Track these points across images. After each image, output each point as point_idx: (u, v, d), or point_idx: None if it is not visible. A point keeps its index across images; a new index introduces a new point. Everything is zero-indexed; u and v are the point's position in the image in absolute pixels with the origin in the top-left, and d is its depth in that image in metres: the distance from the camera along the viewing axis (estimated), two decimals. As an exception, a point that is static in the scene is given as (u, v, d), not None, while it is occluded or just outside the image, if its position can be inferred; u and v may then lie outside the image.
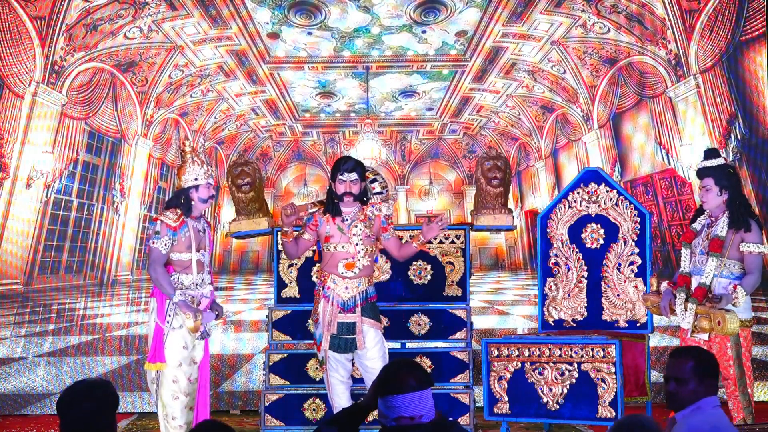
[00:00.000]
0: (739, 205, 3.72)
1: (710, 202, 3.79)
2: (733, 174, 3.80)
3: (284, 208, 3.69)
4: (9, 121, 7.70)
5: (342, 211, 3.77)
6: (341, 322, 3.75)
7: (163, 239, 3.72)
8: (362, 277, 3.79)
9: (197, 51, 9.74)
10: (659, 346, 6.23)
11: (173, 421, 3.78)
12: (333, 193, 3.78)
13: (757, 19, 6.84)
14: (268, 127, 12.57)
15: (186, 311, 3.71)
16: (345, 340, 3.74)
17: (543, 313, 4.64)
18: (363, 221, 3.78)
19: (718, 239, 3.70)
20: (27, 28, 7.71)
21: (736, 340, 3.65)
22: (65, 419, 2.23)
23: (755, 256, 3.65)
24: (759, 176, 6.94)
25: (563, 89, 10.61)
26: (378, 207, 3.85)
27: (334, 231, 3.76)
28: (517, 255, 13.74)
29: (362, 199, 3.83)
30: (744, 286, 3.58)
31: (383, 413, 2.24)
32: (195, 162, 3.82)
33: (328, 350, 3.75)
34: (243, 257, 13.62)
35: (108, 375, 6.41)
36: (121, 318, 9.00)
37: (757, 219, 3.76)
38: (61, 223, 9.03)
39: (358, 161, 3.81)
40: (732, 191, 3.74)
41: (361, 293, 3.78)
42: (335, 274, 3.76)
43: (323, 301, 3.78)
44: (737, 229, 3.67)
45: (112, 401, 2.30)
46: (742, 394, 3.67)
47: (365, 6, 8.87)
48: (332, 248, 3.77)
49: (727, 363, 3.68)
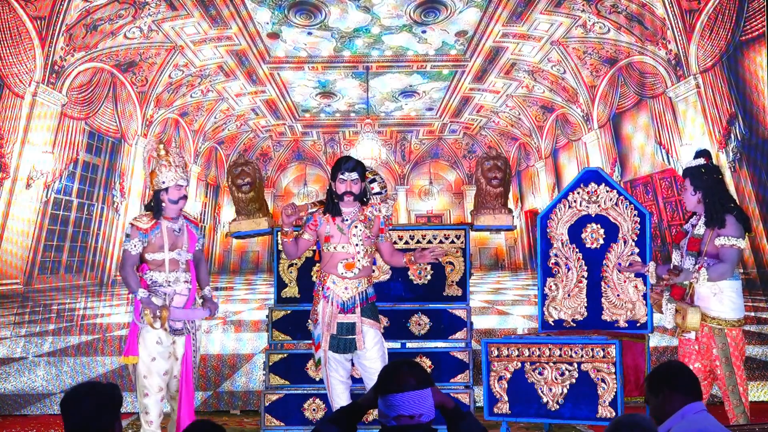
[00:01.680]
0: (711, 203, 3.76)
1: (688, 201, 3.89)
2: (706, 173, 3.82)
3: (284, 207, 3.69)
4: (9, 121, 7.70)
5: (342, 211, 3.77)
6: (341, 322, 3.75)
7: (132, 241, 3.91)
8: (362, 277, 3.79)
9: (197, 51, 9.74)
10: (659, 346, 6.23)
11: (146, 416, 3.95)
12: (333, 193, 3.78)
13: (757, 19, 6.84)
14: (268, 127, 12.58)
15: (146, 306, 3.85)
16: (345, 340, 3.74)
17: (543, 313, 4.64)
18: (363, 222, 3.77)
19: (695, 238, 3.78)
20: (27, 28, 7.71)
21: (722, 340, 3.69)
22: (69, 418, 2.23)
23: (728, 248, 3.68)
24: (759, 176, 6.94)
25: (563, 89, 10.61)
26: (378, 207, 3.85)
27: (334, 231, 3.76)
28: (517, 255, 13.74)
29: (362, 200, 3.83)
30: (710, 270, 3.61)
31: (383, 412, 2.25)
32: (163, 165, 3.96)
33: (328, 350, 3.75)
34: (243, 257, 13.62)
35: (108, 375, 6.41)
36: (121, 318, 9.00)
37: (737, 213, 3.76)
38: (61, 223, 9.03)
39: (359, 161, 3.80)
40: (705, 190, 3.78)
41: (361, 293, 3.78)
42: (335, 274, 3.76)
43: (323, 302, 3.79)
44: (712, 227, 3.71)
45: (116, 400, 2.31)
46: (732, 394, 3.69)
47: (365, 6, 8.87)
48: (332, 248, 3.77)
49: (714, 363, 3.73)
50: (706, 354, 3.74)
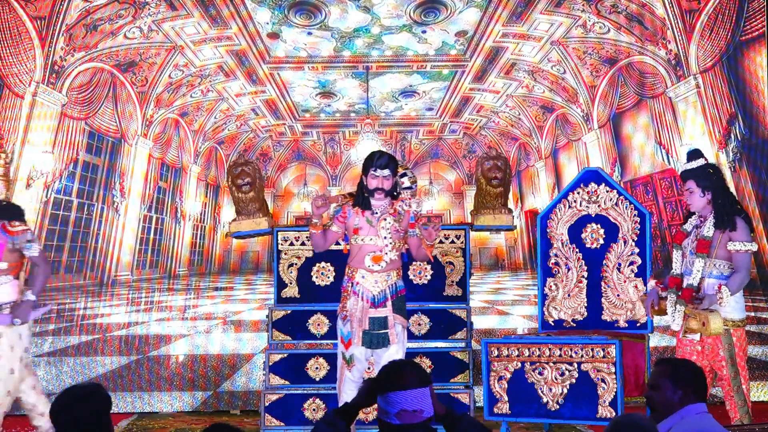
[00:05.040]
0: (722, 204, 3.70)
1: (695, 204, 3.79)
2: (714, 173, 3.77)
3: (314, 199, 3.65)
4: (9, 121, 7.70)
5: (372, 205, 3.74)
6: (372, 317, 3.70)
7: None
8: (390, 270, 3.75)
9: (197, 51, 9.74)
10: (659, 346, 6.23)
11: None
12: (364, 187, 3.75)
13: (757, 19, 6.84)
14: (268, 127, 12.58)
15: None
16: (377, 335, 3.70)
17: (543, 313, 4.63)
18: (393, 215, 3.75)
19: (705, 240, 3.69)
20: (27, 28, 7.71)
21: (728, 341, 3.64)
22: (60, 426, 2.23)
23: (742, 254, 3.64)
24: (759, 176, 6.93)
25: (563, 89, 10.61)
26: (408, 202, 3.82)
27: (362, 223, 3.72)
28: (517, 255, 13.75)
29: (392, 194, 3.80)
30: (730, 285, 3.58)
31: (384, 410, 2.25)
32: None
33: (360, 346, 3.69)
34: (243, 257, 13.62)
35: (108, 375, 6.41)
36: (121, 318, 9.01)
37: (745, 215, 3.73)
38: (61, 223, 9.03)
39: (392, 156, 3.76)
40: (714, 191, 3.72)
41: (391, 286, 3.73)
42: (363, 268, 3.72)
43: (353, 297, 3.72)
44: (723, 229, 3.67)
45: (105, 403, 2.31)
46: (737, 394, 3.66)
47: (365, 6, 8.87)
48: (360, 240, 3.73)
49: (720, 363, 3.68)
50: (711, 355, 3.71)
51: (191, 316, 9.70)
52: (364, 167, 3.74)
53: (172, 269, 11.91)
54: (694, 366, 2.67)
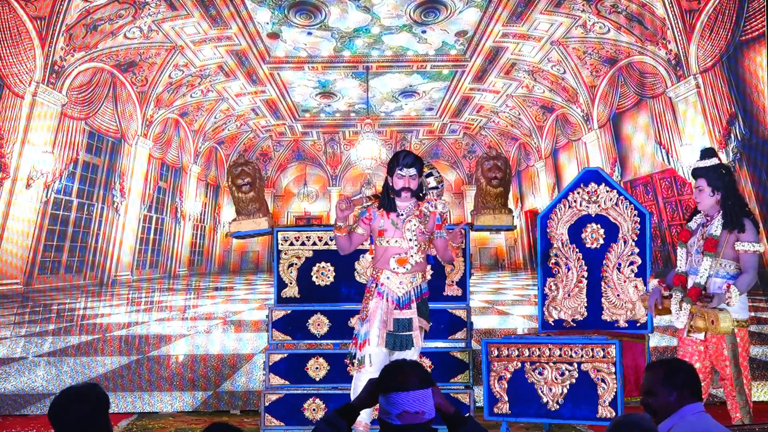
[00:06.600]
0: (732, 205, 3.69)
1: (703, 202, 3.77)
2: (726, 174, 3.76)
3: (339, 202, 3.59)
4: (9, 121, 7.70)
5: (397, 206, 3.70)
6: (397, 318, 3.67)
7: None
8: (416, 272, 3.71)
9: (197, 51, 9.74)
10: (659, 346, 6.23)
11: None
12: (389, 188, 3.71)
13: (757, 19, 6.84)
14: (268, 127, 12.58)
15: None
16: (401, 337, 3.66)
17: (543, 313, 4.64)
18: (418, 217, 3.71)
19: (713, 239, 3.68)
20: (27, 28, 7.71)
21: (732, 340, 3.62)
22: (58, 427, 2.22)
23: (751, 254, 3.63)
24: (759, 176, 6.93)
25: (563, 89, 10.61)
26: (434, 204, 3.77)
27: (387, 225, 3.68)
28: (517, 255, 13.74)
29: (418, 195, 3.76)
30: (738, 285, 3.57)
31: (385, 410, 2.25)
32: None
33: (383, 347, 3.64)
34: (243, 257, 13.62)
35: (108, 375, 6.41)
36: (121, 318, 9.00)
37: (752, 217, 3.72)
38: (61, 223, 9.03)
39: (417, 156, 3.72)
40: (725, 191, 3.72)
41: (416, 288, 3.70)
42: (388, 269, 3.68)
43: (376, 298, 3.68)
44: (731, 229, 3.66)
45: (103, 403, 2.30)
46: (739, 394, 3.65)
47: (365, 6, 8.87)
48: (385, 243, 3.69)
49: (723, 363, 3.67)
50: (715, 354, 3.70)
51: (191, 316, 9.70)
52: (389, 167, 3.70)
53: (172, 269, 11.91)
54: (686, 365, 2.66)
